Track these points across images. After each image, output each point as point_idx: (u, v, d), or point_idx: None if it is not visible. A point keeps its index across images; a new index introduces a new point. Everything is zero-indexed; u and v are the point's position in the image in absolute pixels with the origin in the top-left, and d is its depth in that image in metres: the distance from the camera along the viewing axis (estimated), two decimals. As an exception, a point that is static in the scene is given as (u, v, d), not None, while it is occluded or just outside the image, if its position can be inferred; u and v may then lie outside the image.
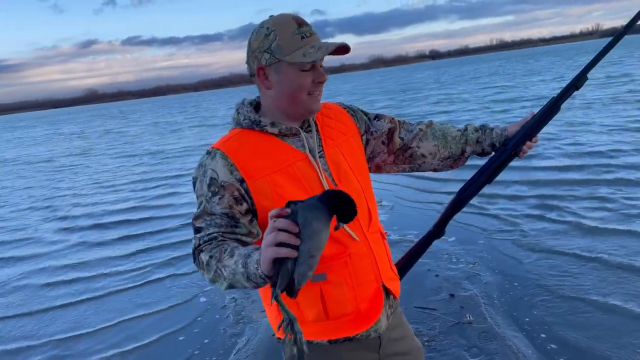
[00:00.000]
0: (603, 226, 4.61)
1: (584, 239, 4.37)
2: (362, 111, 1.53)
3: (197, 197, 1.27)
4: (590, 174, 6.45)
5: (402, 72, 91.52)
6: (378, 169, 1.58)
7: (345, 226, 1.27)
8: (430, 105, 19.79)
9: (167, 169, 11.81)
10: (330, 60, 1.35)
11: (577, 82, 1.48)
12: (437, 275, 4.03)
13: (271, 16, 1.27)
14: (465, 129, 1.56)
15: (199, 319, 3.85)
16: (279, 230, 0.98)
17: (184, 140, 18.26)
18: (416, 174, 7.14)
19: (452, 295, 3.66)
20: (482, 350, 2.94)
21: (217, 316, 3.85)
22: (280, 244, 0.98)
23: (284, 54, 1.22)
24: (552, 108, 1.49)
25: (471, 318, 3.29)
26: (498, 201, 5.83)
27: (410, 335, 1.52)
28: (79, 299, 4.57)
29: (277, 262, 1.00)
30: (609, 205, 5.15)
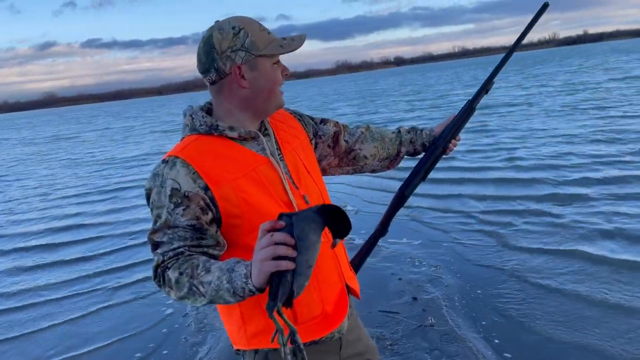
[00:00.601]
0: (561, 239, 4.75)
1: (542, 251, 4.42)
2: (308, 116, 1.55)
3: (153, 210, 1.20)
4: (544, 185, 6.66)
5: (368, 79, 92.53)
6: (323, 172, 1.59)
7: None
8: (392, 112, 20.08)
9: (114, 180, 10.98)
10: (297, 65, 1.35)
11: (486, 86, 1.65)
12: (400, 279, 4.07)
13: (217, 21, 1.26)
14: (399, 131, 1.67)
15: (158, 327, 3.76)
16: (277, 243, 0.98)
17: (140, 147, 17.53)
18: (377, 177, 7.24)
19: (414, 299, 3.69)
20: (443, 352, 2.98)
21: (177, 325, 3.77)
22: (278, 257, 0.98)
23: (260, 49, 1.22)
24: (468, 110, 1.65)
25: (433, 321, 3.34)
26: (459, 207, 5.95)
27: (365, 335, 1.54)
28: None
29: (275, 275, 1.00)
30: (557, 221, 5.31)
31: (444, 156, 1.68)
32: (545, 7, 1.63)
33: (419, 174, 1.64)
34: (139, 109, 70.99)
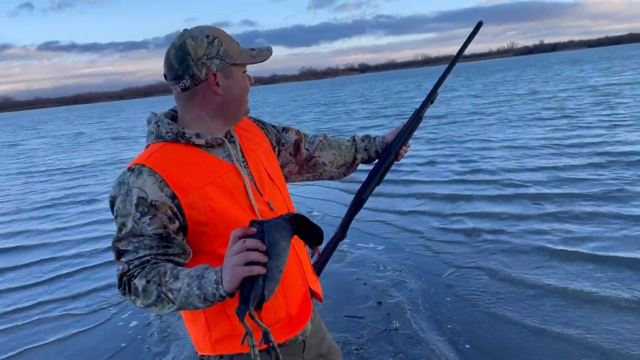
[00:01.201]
0: (519, 241, 4.91)
1: (501, 253, 4.52)
2: (270, 124, 1.58)
3: (118, 218, 1.19)
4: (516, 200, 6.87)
5: (333, 85, 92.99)
6: (284, 180, 1.61)
7: None
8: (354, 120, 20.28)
9: (49, 195, 9.76)
10: (263, 71, 1.38)
11: (431, 97, 1.77)
12: (365, 284, 4.11)
13: (186, 29, 1.26)
14: (354, 139, 1.75)
15: (120, 337, 3.66)
16: (249, 249, 1.01)
17: (95, 154, 16.51)
18: (342, 183, 7.30)
19: (379, 303, 3.74)
20: (407, 355, 3.02)
21: (140, 335, 3.68)
22: (251, 263, 1.01)
23: (233, 57, 1.25)
24: (416, 119, 1.76)
25: (397, 325, 3.38)
26: (422, 212, 6.07)
27: (328, 337, 1.57)
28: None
29: (247, 280, 1.03)
30: (522, 224, 5.49)
31: (396, 162, 1.78)
32: (479, 25, 1.79)
33: (374, 179, 1.73)
34: (96, 113, 68.90)
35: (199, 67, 1.23)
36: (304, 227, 1.10)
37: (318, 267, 1.70)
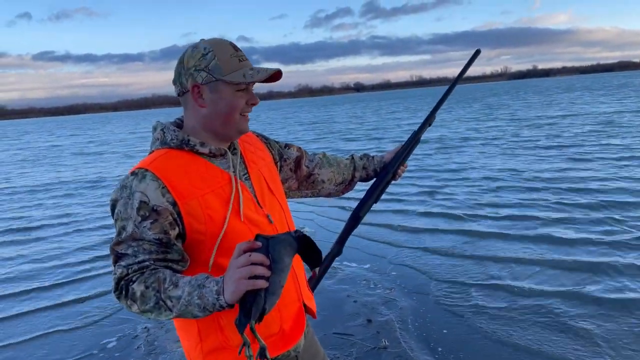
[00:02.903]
0: (510, 255, 4.93)
1: (492, 269, 4.59)
2: (273, 140, 1.60)
3: (118, 221, 1.19)
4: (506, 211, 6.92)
5: (327, 103, 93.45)
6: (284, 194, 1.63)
7: None
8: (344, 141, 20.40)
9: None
10: (259, 88, 1.39)
11: (429, 120, 1.80)
12: (355, 301, 4.10)
13: (203, 39, 1.29)
14: (352, 158, 1.78)
15: (105, 351, 3.61)
16: (254, 263, 1.02)
17: (63, 170, 15.29)
18: (332, 199, 7.31)
19: (369, 321, 3.72)
20: (396, 374, 3.01)
21: (127, 348, 3.63)
22: (255, 277, 1.02)
23: (223, 73, 1.24)
24: (414, 141, 1.79)
25: (387, 343, 3.37)
26: (413, 231, 6.08)
27: (321, 352, 1.56)
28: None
29: (249, 293, 1.04)
30: (510, 241, 5.52)
31: (393, 181, 1.80)
32: (477, 53, 1.83)
33: (371, 197, 1.74)
34: (84, 125, 68.46)
35: (187, 77, 1.26)
36: (307, 248, 1.12)
37: (313, 283, 1.70)
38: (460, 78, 1.83)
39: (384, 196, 1.80)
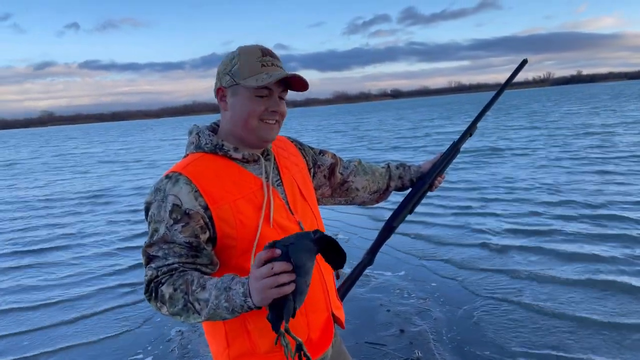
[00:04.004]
0: (556, 275, 4.75)
1: (536, 287, 4.34)
2: (308, 146, 1.59)
3: (151, 223, 1.21)
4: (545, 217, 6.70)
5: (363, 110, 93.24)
6: (317, 202, 1.62)
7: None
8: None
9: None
10: (297, 95, 1.40)
11: (470, 130, 1.76)
12: (388, 310, 4.03)
13: (240, 46, 1.31)
14: (388, 167, 1.74)
15: (140, 353, 3.68)
16: (277, 273, 1.02)
17: (81, 181, 14.62)
18: (369, 208, 7.25)
19: (402, 331, 3.65)
20: (429, 387, 2.93)
21: (161, 352, 3.69)
22: (280, 285, 1.02)
23: (241, 77, 1.25)
24: (453, 151, 1.74)
25: (420, 354, 3.29)
26: (450, 240, 5.96)
27: None
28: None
29: (278, 300, 1.05)
30: (561, 260, 5.33)
31: (430, 192, 1.75)
32: (524, 63, 1.76)
33: (406, 207, 1.71)
34: (126, 131, 70.37)
35: (218, 80, 1.32)
36: (329, 249, 1.10)
37: (342, 292, 1.68)
38: (504, 88, 1.78)
39: (418, 207, 1.75)
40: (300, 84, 1.29)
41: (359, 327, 3.74)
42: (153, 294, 1.17)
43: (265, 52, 1.28)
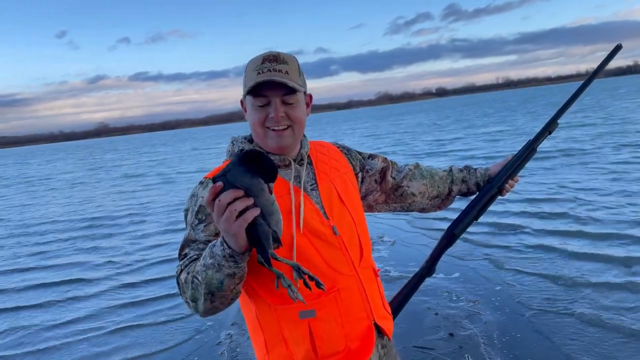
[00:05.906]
0: (620, 283, 4.52)
1: (589, 294, 4.09)
2: (356, 151, 1.56)
3: (187, 227, 1.27)
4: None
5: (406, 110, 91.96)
6: (369, 209, 1.58)
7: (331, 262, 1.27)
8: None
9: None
10: (338, 97, 1.37)
11: (550, 127, 1.60)
12: (436, 314, 3.95)
13: None
14: (451, 170, 1.63)
15: (189, 357, 3.77)
16: (229, 204, 0.97)
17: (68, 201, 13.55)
18: (424, 217, 7.12)
19: (451, 335, 3.57)
20: (480, 393, 2.84)
21: (210, 355, 3.77)
22: (239, 213, 0.97)
23: (245, 89, 1.29)
24: (528, 150, 1.59)
25: (470, 359, 3.20)
26: (501, 242, 5.77)
27: None
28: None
29: (250, 228, 0.99)
30: (624, 268, 5.06)
31: (500, 197, 1.60)
32: (618, 48, 1.58)
33: (470, 214, 1.59)
34: (169, 140, 72.06)
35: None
36: (258, 162, 1.01)
37: (398, 301, 1.59)
38: (594, 77, 1.60)
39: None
40: (286, 88, 1.25)
41: (406, 330, 3.68)
42: (178, 288, 1.20)
43: (266, 59, 1.26)
